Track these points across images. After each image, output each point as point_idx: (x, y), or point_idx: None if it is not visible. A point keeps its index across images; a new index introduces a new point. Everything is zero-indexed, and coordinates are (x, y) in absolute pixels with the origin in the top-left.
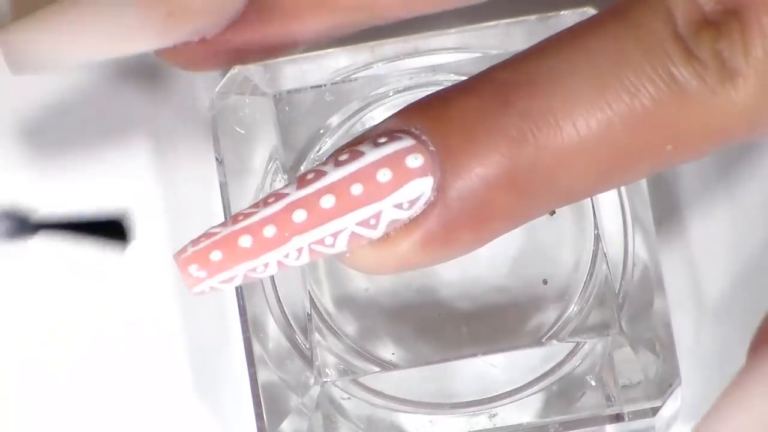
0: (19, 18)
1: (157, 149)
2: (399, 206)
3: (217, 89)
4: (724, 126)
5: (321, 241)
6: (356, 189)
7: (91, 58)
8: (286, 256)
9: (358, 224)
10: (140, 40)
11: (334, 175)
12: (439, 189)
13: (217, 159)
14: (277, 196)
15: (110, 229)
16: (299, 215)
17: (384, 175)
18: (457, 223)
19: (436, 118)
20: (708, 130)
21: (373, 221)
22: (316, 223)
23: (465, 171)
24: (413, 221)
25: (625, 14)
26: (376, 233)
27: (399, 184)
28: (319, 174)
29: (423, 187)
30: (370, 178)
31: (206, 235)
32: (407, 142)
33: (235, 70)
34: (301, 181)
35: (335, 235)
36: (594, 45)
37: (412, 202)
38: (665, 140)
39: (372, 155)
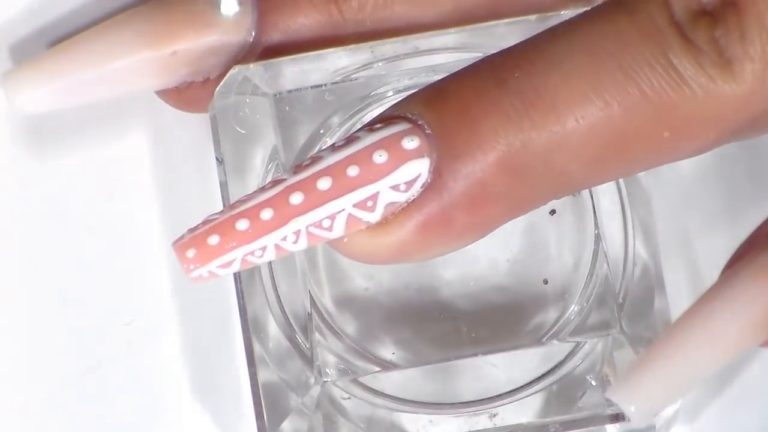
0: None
1: (158, 149)
2: (396, 188)
3: (217, 89)
4: (722, 113)
5: (318, 224)
6: (352, 170)
7: (94, 98)
8: (284, 239)
9: (355, 206)
10: (144, 78)
11: (331, 158)
12: (436, 170)
13: (217, 159)
14: (275, 182)
15: None
16: (296, 197)
17: (380, 157)
18: (453, 205)
19: (431, 101)
20: (705, 116)
21: (370, 203)
22: (313, 205)
23: (460, 151)
24: (410, 204)
25: (622, 3)
26: (374, 216)
27: (395, 165)
28: (316, 159)
29: (419, 168)
30: (366, 160)
31: (204, 222)
32: (403, 126)
33: (235, 69)
34: (298, 167)
35: (332, 218)
36: (591, 30)
37: (408, 184)
38: (662, 125)
39: (368, 139)
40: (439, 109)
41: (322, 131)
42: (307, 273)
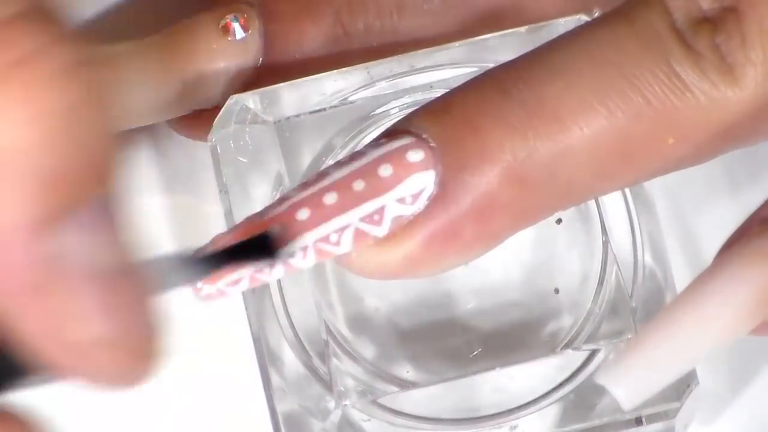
0: None
1: (164, 180)
2: (402, 201)
3: (216, 120)
4: (725, 118)
5: (326, 239)
6: (358, 185)
7: None
8: (292, 255)
9: (361, 220)
10: (153, 111)
11: (336, 174)
12: (442, 182)
13: (220, 189)
14: (281, 198)
15: (261, 246)
16: (303, 213)
17: (385, 170)
18: (461, 217)
19: (435, 114)
20: (709, 122)
21: (377, 217)
22: (320, 220)
23: (465, 162)
24: (417, 217)
25: (623, 12)
26: (381, 230)
27: (400, 178)
28: (322, 175)
29: (425, 181)
30: (371, 174)
31: (211, 241)
32: (408, 140)
33: (233, 99)
34: (305, 184)
35: (340, 232)
36: (592, 39)
37: (414, 197)
38: (666, 132)
39: (373, 153)
40: (443, 122)
41: (324, 155)
42: (318, 297)
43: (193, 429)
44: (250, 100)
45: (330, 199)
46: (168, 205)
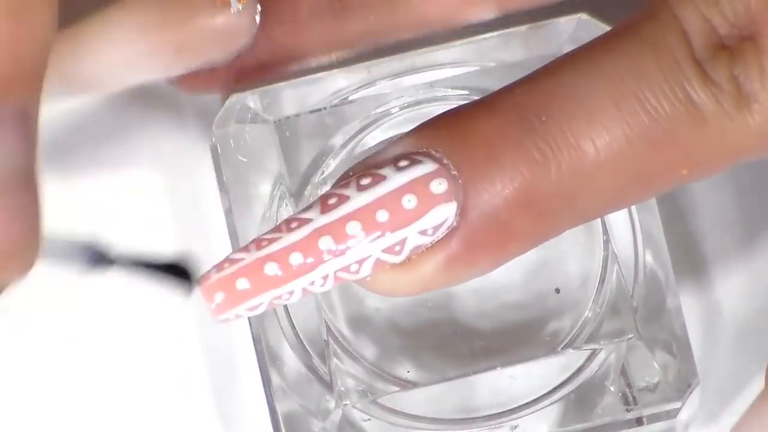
0: None
1: (165, 177)
2: (424, 232)
3: (216, 118)
4: (738, 149)
5: (347, 268)
6: (382, 215)
7: (99, 89)
8: (312, 283)
9: (383, 251)
10: (150, 70)
11: (358, 200)
12: (462, 213)
13: (220, 189)
14: (300, 221)
15: (178, 273)
16: (325, 242)
17: (409, 202)
18: (478, 246)
19: (456, 139)
20: (723, 153)
21: (398, 248)
22: (342, 251)
23: (487, 194)
24: (435, 245)
25: (640, 33)
26: (400, 259)
27: (424, 210)
28: (343, 198)
29: (447, 213)
30: (395, 204)
31: (230, 260)
32: (430, 167)
33: (233, 98)
34: (324, 206)
35: (361, 262)
36: (610, 63)
37: (436, 228)
38: (681, 162)
39: (395, 180)
40: (465, 151)
41: (324, 155)
42: (319, 297)
43: (193, 428)
44: (251, 99)
45: (353, 229)
46: (175, 203)
